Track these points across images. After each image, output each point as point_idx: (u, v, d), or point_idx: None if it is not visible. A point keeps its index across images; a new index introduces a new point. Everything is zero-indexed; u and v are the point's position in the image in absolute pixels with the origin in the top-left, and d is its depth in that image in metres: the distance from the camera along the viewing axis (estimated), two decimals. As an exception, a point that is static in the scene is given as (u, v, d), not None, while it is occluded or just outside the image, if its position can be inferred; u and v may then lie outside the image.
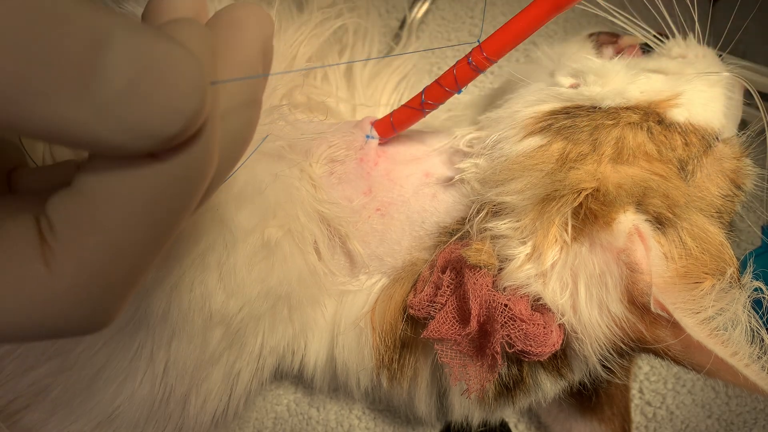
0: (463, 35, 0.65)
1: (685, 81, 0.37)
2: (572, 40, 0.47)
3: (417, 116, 0.37)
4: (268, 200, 0.33)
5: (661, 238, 0.32)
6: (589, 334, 0.31)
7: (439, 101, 0.35)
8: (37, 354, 0.32)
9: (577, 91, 0.37)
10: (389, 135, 0.39)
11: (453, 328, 0.32)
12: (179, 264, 0.31)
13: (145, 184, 0.15)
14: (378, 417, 0.53)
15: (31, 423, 0.33)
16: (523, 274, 0.31)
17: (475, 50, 0.32)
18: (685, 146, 0.35)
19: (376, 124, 0.39)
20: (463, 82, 0.33)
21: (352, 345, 0.38)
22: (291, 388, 0.53)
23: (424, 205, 0.37)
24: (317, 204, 0.36)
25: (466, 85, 0.34)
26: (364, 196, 0.38)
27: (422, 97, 0.35)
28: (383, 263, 0.38)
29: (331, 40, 0.46)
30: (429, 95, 0.35)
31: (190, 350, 0.33)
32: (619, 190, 0.31)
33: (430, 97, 0.35)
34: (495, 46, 0.32)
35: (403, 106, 0.37)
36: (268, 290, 0.34)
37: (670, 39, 0.41)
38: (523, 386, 0.36)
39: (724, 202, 0.36)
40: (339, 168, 0.38)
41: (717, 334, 0.30)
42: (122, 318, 0.31)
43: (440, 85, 0.34)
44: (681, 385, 0.55)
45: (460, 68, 0.33)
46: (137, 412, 0.34)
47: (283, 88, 0.38)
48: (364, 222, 0.38)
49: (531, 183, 0.33)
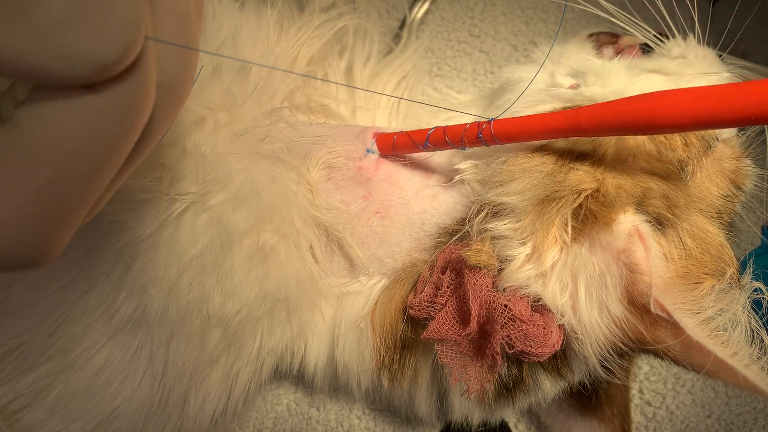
0: (463, 35, 0.65)
1: (685, 81, 0.37)
2: (572, 40, 0.47)
3: (418, 150, 0.37)
4: (264, 202, 0.33)
5: (660, 239, 0.32)
6: (588, 334, 0.31)
7: (440, 148, 0.36)
8: (37, 354, 0.32)
9: (577, 92, 0.37)
10: (389, 153, 0.39)
11: (453, 328, 0.32)
12: (177, 264, 0.31)
13: (82, 114, 0.15)
14: (378, 417, 0.53)
15: (31, 423, 0.33)
16: (522, 275, 0.31)
17: (487, 128, 0.32)
18: (685, 147, 0.35)
19: (379, 139, 0.39)
20: (469, 144, 0.34)
21: (352, 346, 0.38)
22: (291, 388, 0.53)
23: (424, 207, 0.37)
24: (313, 209, 0.36)
25: (466, 146, 0.34)
26: (363, 200, 0.38)
27: (427, 138, 0.35)
28: (383, 264, 0.38)
29: (331, 40, 0.46)
30: (434, 139, 0.35)
31: (189, 351, 0.33)
32: (619, 191, 0.31)
33: (434, 142, 0.35)
34: (504, 129, 0.32)
35: (409, 134, 0.37)
36: (265, 293, 0.34)
37: (670, 39, 0.41)
38: (523, 386, 0.36)
39: (723, 202, 0.36)
40: (336, 174, 0.38)
41: (717, 335, 0.30)
42: (121, 318, 0.32)
43: (445, 134, 0.34)
44: (681, 385, 0.55)
45: (469, 135, 0.33)
46: (136, 412, 0.34)
47: (283, 90, 0.38)
48: (363, 225, 0.38)
49: (531, 184, 0.33)
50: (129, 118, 0.17)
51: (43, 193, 0.16)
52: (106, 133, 0.16)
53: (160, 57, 0.18)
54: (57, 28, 0.14)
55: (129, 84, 0.16)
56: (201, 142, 0.31)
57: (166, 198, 0.30)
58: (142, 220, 0.30)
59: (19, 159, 0.15)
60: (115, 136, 0.17)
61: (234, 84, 0.33)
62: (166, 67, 0.18)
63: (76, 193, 0.17)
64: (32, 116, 0.15)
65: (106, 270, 0.31)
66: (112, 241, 0.30)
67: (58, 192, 0.16)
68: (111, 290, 0.31)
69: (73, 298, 0.32)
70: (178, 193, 0.30)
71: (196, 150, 0.31)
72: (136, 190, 0.30)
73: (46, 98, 0.15)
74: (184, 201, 0.31)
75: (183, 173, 0.31)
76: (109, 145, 0.17)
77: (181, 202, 0.31)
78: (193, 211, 0.31)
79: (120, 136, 0.17)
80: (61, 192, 0.16)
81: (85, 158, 0.16)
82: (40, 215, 0.16)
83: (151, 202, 0.30)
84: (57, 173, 0.16)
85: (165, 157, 0.30)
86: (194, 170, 0.31)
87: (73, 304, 0.32)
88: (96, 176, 0.17)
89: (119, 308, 0.31)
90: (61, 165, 0.16)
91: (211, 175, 0.31)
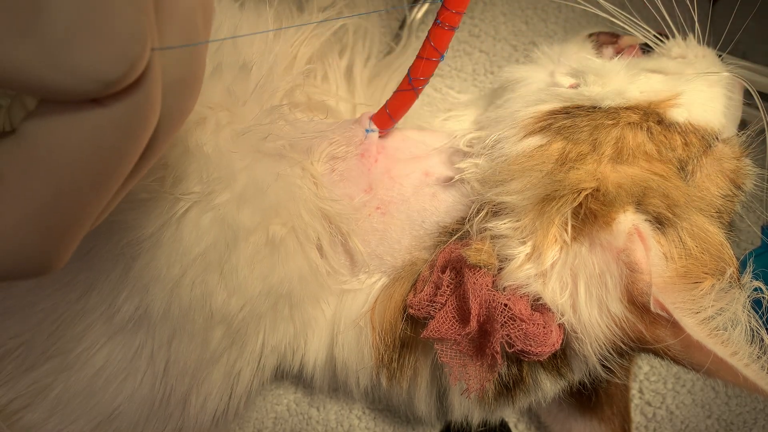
0: (463, 35, 0.65)
1: (684, 81, 0.37)
2: (572, 40, 0.47)
3: (410, 97, 0.37)
4: (270, 200, 0.33)
5: (660, 238, 0.32)
6: (588, 333, 0.31)
7: (426, 75, 0.35)
8: (37, 354, 0.32)
9: (576, 91, 0.37)
10: (388, 125, 0.39)
11: (453, 327, 0.32)
12: (180, 263, 0.31)
13: (88, 129, 0.16)
14: (378, 417, 0.53)
15: (31, 423, 0.33)
16: (522, 274, 0.31)
17: (441, 9, 0.33)
18: (685, 146, 0.35)
19: (375, 117, 0.39)
20: (442, 45, 0.34)
21: (351, 344, 0.38)
22: (291, 388, 0.53)
23: (424, 205, 0.38)
24: (319, 201, 0.36)
25: (447, 48, 0.34)
26: (364, 193, 0.38)
27: (409, 76, 0.35)
28: (383, 262, 0.38)
29: (331, 40, 0.46)
30: (415, 71, 0.35)
31: (191, 349, 0.33)
32: (619, 190, 0.31)
33: (417, 73, 0.35)
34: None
35: (395, 92, 0.37)
36: (269, 288, 0.34)
37: (670, 39, 0.41)
38: (522, 386, 0.36)
39: (723, 202, 0.36)
40: (340, 165, 0.38)
41: (717, 334, 0.30)
42: (122, 317, 0.32)
43: (422, 58, 0.35)
44: (681, 385, 0.55)
45: (434, 33, 0.33)
46: (137, 412, 0.34)
47: (283, 88, 0.38)
48: (365, 220, 0.38)
49: (531, 183, 0.33)
50: (135, 132, 0.17)
51: (48, 204, 0.16)
52: (112, 146, 0.16)
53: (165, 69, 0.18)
54: (62, 42, 0.14)
55: (135, 98, 0.16)
56: (203, 142, 0.31)
57: (169, 197, 0.30)
58: (145, 220, 0.30)
59: (25, 171, 0.16)
60: (120, 149, 0.17)
61: (235, 83, 0.33)
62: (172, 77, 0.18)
63: (82, 204, 0.17)
64: (39, 129, 0.15)
65: (106, 270, 0.31)
66: (114, 240, 0.30)
67: (63, 204, 0.16)
68: (112, 290, 0.31)
69: (73, 298, 0.32)
70: (182, 192, 0.31)
71: (199, 149, 0.31)
72: (138, 190, 0.30)
73: (53, 111, 0.15)
74: (188, 200, 0.31)
75: (186, 173, 0.31)
76: (115, 158, 0.17)
77: (185, 202, 0.31)
78: (197, 210, 0.31)
79: (126, 148, 0.17)
80: (66, 204, 0.16)
81: (90, 171, 0.16)
82: (45, 226, 0.16)
83: (153, 202, 0.30)
84: (63, 185, 0.16)
85: (167, 157, 0.30)
86: (197, 170, 0.31)
87: (73, 304, 0.32)
88: (101, 188, 0.17)
89: (120, 308, 0.31)
90: (67, 178, 0.16)
91: (215, 175, 0.31)
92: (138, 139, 0.17)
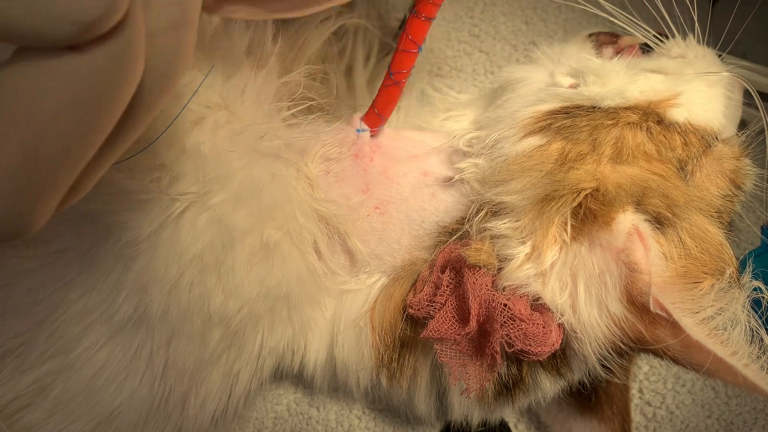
0: (463, 35, 0.65)
1: (684, 81, 0.37)
2: (572, 40, 0.47)
3: (394, 92, 0.37)
4: (265, 200, 0.33)
5: (660, 238, 0.32)
6: (588, 333, 0.31)
7: (406, 67, 0.36)
8: (37, 354, 0.32)
9: (576, 91, 0.37)
10: (378, 124, 0.39)
11: (452, 327, 0.32)
12: (177, 264, 0.31)
13: (66, 77, 0.15)
14: (378, 417, 0.53)
15: (31, 423, 0.33)
16: (522, 274, 0.31)
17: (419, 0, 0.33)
18: (685, 146, 0.35)
19: (365, 117, 0.39)
20: (419, 36, 0.34)
21: (351, 344, 0.38)
22: (291, 388, 0.53)
23: (423, 204, 0.38)
24: (314, 203, 0.36)
25: (424, 39, 0.34)
26: (362, 194, 0.38)
27: (389, 70, 0.36)
28: (383, 262, 0.38)
29: (331, 39, 0.46)
30: (394, 65, 0.36)
31: (190, 350, 0.33)
32: (619, 190, 0.31)
33: (396, 67, 0.36)
34: None
35: (379, 89, 0.38)
36: (267, 291, 0.34)
37: (669, 39, 0.41)
38: (522, 386, 0.36)
39: (723, 202, 0.36)
40: (335, 166, 0.38)
41: (716, 334, 0.30)
42: (122, 318, 0.32)
43: (400, 51, 0.35)
44: (681, 385, 0.55)
45: (411, 25, 0.34)
46: (137, 412, 0.34)
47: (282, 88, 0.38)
48: (363, 220, 0.38)
49: (530, 183, 0.33)
50: (115, 81, 0.16)
51: (24, 158, 0.15)
52: (91, 96, 0.15)
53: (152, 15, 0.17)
54: None
55: (115, 44, 0.15)
56: (200, 142, 0.31)
57: (166, 198, 0.30)
58: (142, 221, 0.30)
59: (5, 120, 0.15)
60: (100, 100, 0.16)
61: (233, 83, 0.33)
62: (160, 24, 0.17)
63: (59, 160, 0.16)
64: (13, 78, 0.15)
65: (106, 270, 0.31)
66: (112, 241, 0.30)
67: (40, 158, 0.15)
68: (111, 290, 0.31)
69: (73, 298, 0.32)
70: (179, 193, 0.30)
71: (196, 149, 0.31)
72: (135, 190, 0.30)
73: (28, 59, 0.15)
74: (184, 201, 0.31)
75: (183, 173, 0.31)
76: (94, 110, 0.16)
77: (182, 202, 0.31)
78: (194, 210, 0.31)
79: (106, 100, 0.16)
80: (43, 158, 0.15)
81: (68, 123, 0.15)
82: (20, 182, 0.15)
83: (150, 203, 0.30)
84: (39, 138, 0.15)
85: (164, 157, 0.30)
86: (194, 170, 0.31)
87: (73, 304, 0.32)
88: (80, 144, 0.16)
89: (119, 308, 0.31)
90: (44, 129, 0.15)
91: (211, 174, 0.31)
92: (119, 90, 0.16)
